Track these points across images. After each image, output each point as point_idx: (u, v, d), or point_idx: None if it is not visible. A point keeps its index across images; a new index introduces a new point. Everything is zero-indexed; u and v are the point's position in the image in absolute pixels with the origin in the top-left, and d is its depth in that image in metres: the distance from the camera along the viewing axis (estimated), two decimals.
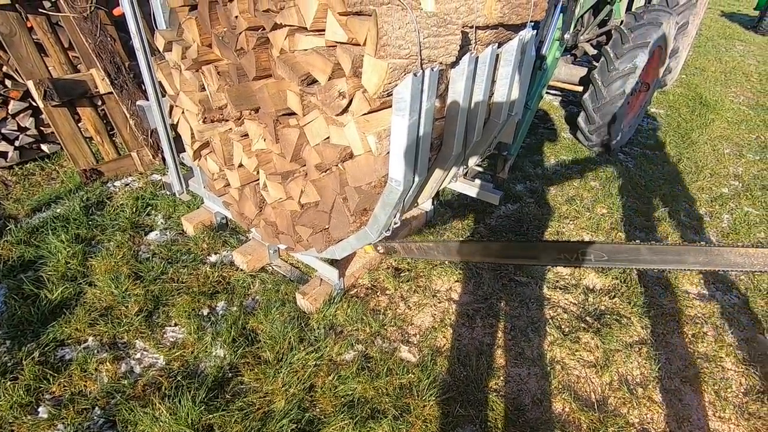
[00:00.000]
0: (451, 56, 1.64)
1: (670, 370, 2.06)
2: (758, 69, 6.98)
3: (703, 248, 1.36)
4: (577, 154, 4.00)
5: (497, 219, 3.02)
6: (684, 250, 1.40)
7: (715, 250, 1.33)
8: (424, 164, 1.75)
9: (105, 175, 3.14)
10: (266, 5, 1.62)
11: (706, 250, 1.35)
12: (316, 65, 1.53)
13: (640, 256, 1.47)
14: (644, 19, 3.58)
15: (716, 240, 3.01)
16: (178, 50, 2.02)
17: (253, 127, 1.94)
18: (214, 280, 2.33)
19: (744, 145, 4.45)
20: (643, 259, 1.47)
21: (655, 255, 1.44)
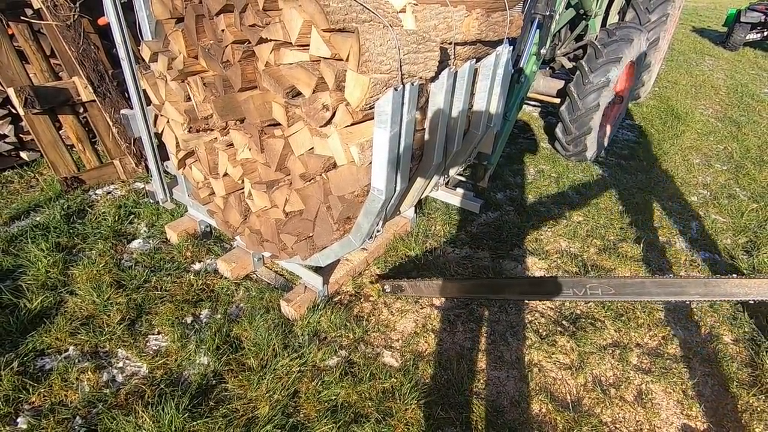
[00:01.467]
0: (430, 71, 1.72)
1: (641, 370, 2.15)
2: (726, 83, 7.31)
3: (702, 280, 1.44)
4: (555, 163, 4.13)
5: (478, 227, 3.10)
6: (685, 283, 1.48)
7: (713, 281, 1.42)
8: (405, 174, 1.81)
9: (86, 183, 3.12)
10: (252, 20, 1.67)
11: (705, 282, 1.43)
12: (300, 79, 1.59)
13: (645, 289, 1.54)
14: (617, 36, 3.75)
15: (685, 246, 3.15)
16: (163, 61, 2.05)
17: (239, 137, 1.98)
18: (198, 288, 2.34)
19: (712, 156, 4.66)
20: (647, 292, 1.54)
21: (659, 288, 1.51)
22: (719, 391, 2.10)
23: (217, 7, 1.73)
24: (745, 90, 6.92)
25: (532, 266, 2.79)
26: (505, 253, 2.87)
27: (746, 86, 7.12)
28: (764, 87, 7.27)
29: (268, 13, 1.66)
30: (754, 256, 3.05)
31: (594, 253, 2.96)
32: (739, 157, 4.65)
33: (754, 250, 3.12)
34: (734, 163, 4.52)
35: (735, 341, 2.39)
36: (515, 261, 2.80)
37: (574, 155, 4.11)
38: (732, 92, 6.85)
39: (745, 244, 3.22)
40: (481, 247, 2.90)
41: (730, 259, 3.02)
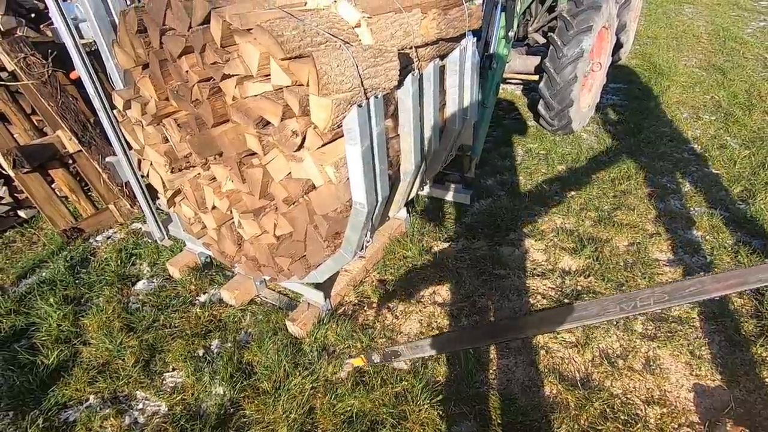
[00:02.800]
0: (392, 81, 1.74)
1: (647, 337, 2.18)
2: (707, 29, 7.22)
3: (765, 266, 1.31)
4: (542, 140, 4.13)
5: (472, 217, 3.13)
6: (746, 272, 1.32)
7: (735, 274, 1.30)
8: (384, 183, 1.84)
9: (86, 231, 3.19)
10: (212, 58, 1.71)
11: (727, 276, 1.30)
12: (267, 109, 1.62)
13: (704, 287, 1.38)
14: (584, 5, 3.73)
15: (680, 205, 3.15)
16: (137, 107, 2.10)
17: (219, 170, 2.03)
18: (206, 320, 2.40)
19: (699, 107, 4.63)
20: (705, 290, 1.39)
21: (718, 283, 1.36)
22: (726, 346, 2.12)
23: (178, 50, 1.76)
24: (727, 34, 6.83)
25: (529, 248, 2.82)
26: (501, 239, 2.89)
27: (728, 30, 7.03)
28: (746, 28, 7.17)
29: (226, 49, 1.69)
30: (750, 205, 3.05)
31: (590, 226, 2.98)
32: (727, 104, 4.62)
33: (750, 199, 3.12)
34: (722, 111, 4.49)
35: (739, 294, 2.40)
36: (512, 246, 2.83)
37: (560, 129, 4.10)
38: (714, 38, 6.77)
39: (740, 193, 3.22)
40: (477, 237, 2.93)
41: (727, 212, 3.02)
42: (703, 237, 2.83)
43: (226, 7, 1.62)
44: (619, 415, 1.84)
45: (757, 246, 2.69)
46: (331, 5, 1.80)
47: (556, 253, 2.75)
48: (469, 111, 2.51)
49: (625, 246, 2.78)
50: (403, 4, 1.91)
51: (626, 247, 2.77)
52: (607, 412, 1.86)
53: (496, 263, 2.68)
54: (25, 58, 2.94)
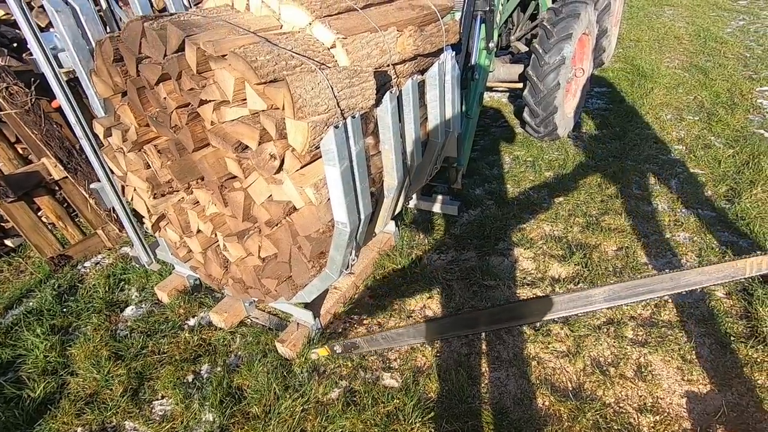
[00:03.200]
0: (369, 101, 1.75)
1: (638, 343, 2.17)
2: (688, 30, 7.33)
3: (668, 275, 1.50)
4: (529, 147, 4.16)
5: (461, 227, 3.13)
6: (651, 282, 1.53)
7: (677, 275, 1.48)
8: (367, 201, 1.85)
9: (74, 258, 3.17)
10: (189, 85, 1.71)
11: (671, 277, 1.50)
12: (244, 134, 1.63)
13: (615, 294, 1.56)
14: (563, 13, 3.78)
15: (667, 207, 3.17)
16: (118, 134, 2.10)
17: (202, 194, 2.02)
18: (195, 345, 2.38)
19: (683, 108, 4.68)
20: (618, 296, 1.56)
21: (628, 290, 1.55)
22: (717, 349, 2.11)
23: (155, 78, 1.77)
24: (707, 34, 6.94)
25: (518, 257, 2.82)
26: (490, 249, 2.89)
27: (708, 30, 7.14)
28: (726, 27, 7.30)
29: (203, 75, 1.70)
30: (735, 204, 3.07)
31: (578, 232, 2.99)
32: (709, 104, 4.67)
33: (735, 198, 3.14)
34: (706, 111, 4.54)
35: (727, 295, 2.41)
36: (501, 256, 2.83)
37: (546, 135, 4.13)
38: (695, 39, 6.87)
39: (726, 192, 3.24)
40: (466, 248, 2.92)
41: (714, 212, 3.04)
42: (691, 238, 2.84)
43: (200, 34, 1.64)
44: (612, 425, 1.83)
45: (744, 245, 2.70)
46: (306, 27, 1.82)
47: (545, 261, 2.75)
48: (452, 123, 2.53)
49: (613, 251, 2.79)
50: (378, 23, 1.93)
51: (615, 252, 2.78)
52: (599, 422, 1.84)
53: (486, 274, 2.68)
54: (7, 88, 2.95)
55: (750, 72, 5.41)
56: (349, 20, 1.85)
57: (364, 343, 2.16)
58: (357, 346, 2.17)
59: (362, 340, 2.15)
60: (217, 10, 1.92)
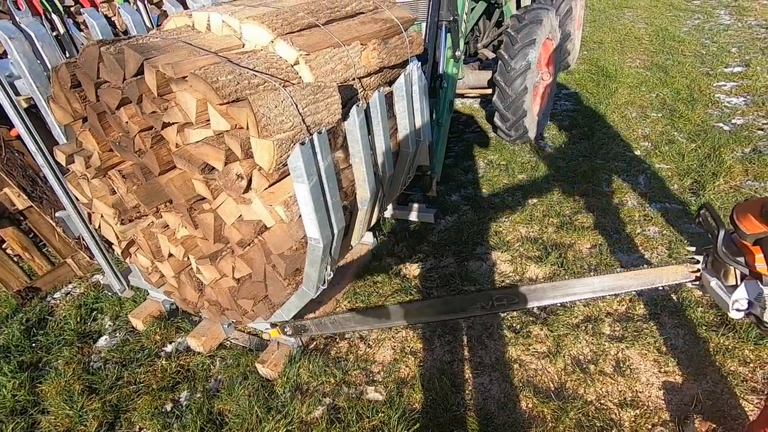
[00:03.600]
0: (335, 115, 1.76)
1: (615, 338, 2.21)
2: (647, 31, 7.61)
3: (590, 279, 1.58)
4: (502, 151, 4.23)
5: (438, 234, 3.15)
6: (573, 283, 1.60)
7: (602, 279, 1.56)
8: (339, 216, 1.84)
9: (42, 289, 3.05)
10: (151, 108, 1.69)
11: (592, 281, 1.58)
12: (209, 155, 1.61)
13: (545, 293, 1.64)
14: (526, 19, 3.88)
15: (636, 202, 3.26)
16: (80, 161, 2.04)
17: (171, 217, 1.98)
18: (173, 372, 2.31)
19: (647, 106, 4.84)
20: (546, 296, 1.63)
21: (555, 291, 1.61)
22: (690, 339, 2.17)
23: (115, 102, 1.74)
24: (665, 34, 7.22)
25: (496, 261, 2.85)
26: (468, 254, 2.92)
27: (666, 30, 7.43)
28: (682, 26, 7.60)
29: (164, 98, 1.68)
30: (700, 196, 3.18)
31: (553, 233, 3.04)
32: (671, 101, 4.84)
33: (700, 190, 3.25)
34: (668, 108, 4.70)
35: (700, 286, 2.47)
36: (480, 260, 2.85)
37: (518, 139, 4.21)
38: (654, 38, 7.14)
39: (691, 185, 3.36)
40: (444, 255, 2.94)
41: (680, 205, 3.14)
42: (661, 232, 2.92)
43: (159, 57, 1.61)
44: (595, 422, 1.85)
45: None
46: (268, 45, 1.81)
47: (522, 262, 2.79)
48: (422, 132, 2.55)
49: (587, 249, 2.85)
50: (341, 38, 1.95)
51: (589, 250, 2.83)
52: (582, 420, 1.86)
53: (465, 279, 2.69)
54: None
55: (707, 68, 5.64)
56: (311, 36, 1.86)
57: (313, 326, 2.12)
58: (306, 329, 2.13)
59: (311, 323, 2.12)
60: (177, 31, 1.91)
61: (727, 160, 3.51)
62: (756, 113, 4.32)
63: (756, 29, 6.88)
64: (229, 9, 1.90)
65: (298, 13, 1.91)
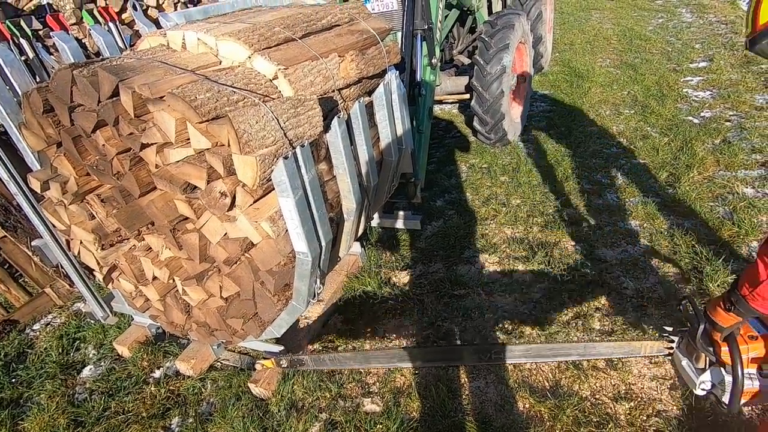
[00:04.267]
0: (316, 128, 1.75)
1: (605, 332, 2.24)
2: (615, 31, 7.86)
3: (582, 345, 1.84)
4: (483, 154, 4.28)
5: (426, 240, 3.16)
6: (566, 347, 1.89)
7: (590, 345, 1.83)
8: (326, 228, 1.83)
9: (20, 322, 2.94)
10: (128, 129, 1.66)
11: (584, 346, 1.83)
12: (191, 174, 1.58)
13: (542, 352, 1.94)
14: (499, 24, 3.97)
15: (616, 197, 3.33)
16: (56, 187, 1.99)
17: (154, 240, 1.94)
18: (163, 398, 2.25)
19: (619, 103, 4.98)
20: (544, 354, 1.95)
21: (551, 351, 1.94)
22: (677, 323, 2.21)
23: (90, 126, 1.70)
24: (632, 33, 7.46)
25: (484, 263, 2.87)
26: (456, 258, 2.93)
27: (632, 29, 7.68)
28: (648, 26, 7.87)
29: (141, 119, 1.65)
30: (676, 189, 3.27)
31: (538, 232, 3.08)
32: (642, 97, 4.99)
33: (676, 183, 3.35)
34: (639, 104, 4.85)
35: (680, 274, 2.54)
36: (468, 264, 2.87)
37: (498, 141, 4.27)
38: (622, 38, 7.36)
39: (667, 178, 3.45)
40: (433, 260, 2.95)
41: (658, 197, 3.22)
42: (641, 225, 2.99)
43: (134, 77, 1.59)
44: (591, 418, 1.87)
45: (688, 226, 2.87)
46: (245, 61, 1.81)
47: (510, 263, 2.81)
48: (404, 140, 2.56)
49: (572, 246, 2.89)
50: (318, 51, 1.95)
51: (574, 247, 2.88)
52: (579, 417, 1.87)
53: (455, 284, 2.70)
54: None
55: (674, 65, 5.84)
56: (288, 51, 1.86)
57: (310, 361, 2.16)
58: (303, 363, 2.17)
59: (309, 357, 2.16)
60: (152, 51, 1.88)
61: (699, 152, 3.62)
62: (722, 105, 4.48)
63: (716, 25, 7.17)
64: (204, 26, 1.89)
65: (274, 28, 1.91)
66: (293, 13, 2.11)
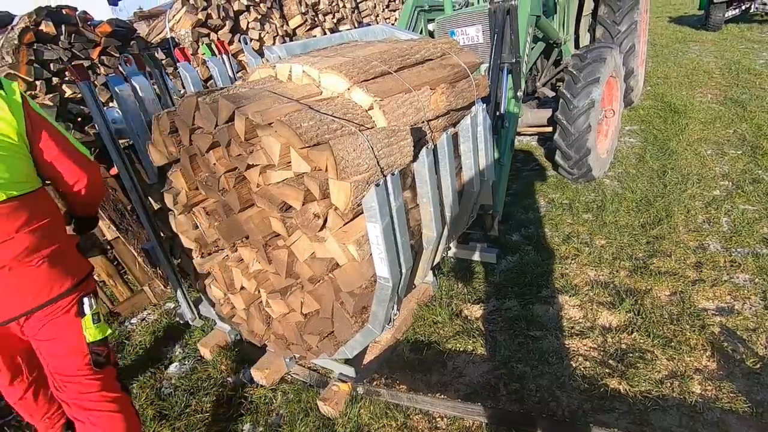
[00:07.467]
0: (407, 157, 1.80)
1: (709, 399, 1.99)
2: (718, 64, 7.26)
3: None
4: (564, 189, 4.10)
5: (500, 275, 3.06)
6: None
7: None
8: (407, 256, 1.85)
9: (122, 315, 3.28)
10: (237, 151, 1.82)
11: None
12: (289, 195, 1.70)
13: None
14: (589, 58, 3.84)
15: (720, 247, 3.00)
16: (169, 198, 2.23)
17: (246, 252, 2.09)
18: (237, 403, 2.36)
19: (723, 143, 4.54)
20: None
21: None
22: None
23: (206, 146, 1.90)
24: (739, 67, 6.84)
25: (564, 305, 2.70)
26: (533, 296, 2.80)
27: (739, 63, 7.04)
28: (758, 59, 7.18)
29: (250, 141, 1.81)
30: None
31: (625, 277, 2.85)
32: (752, 137, 4.52)
33: None
34: (748, 144, 4.38)
35: None
36: (546, 304, 2.72)
37: (581, 177, 4.08)
38: (726, 72, 6.78)
39: None
40: (507, 297, 2.84)
41: None
42: (752, 281, 2.65)
43: (248, 106, 1.76)
44: None
45: None
46: (344, 92, 1.92)
47: (593, 308, 2.62)
48: (485, 172, 2.54)
49: (667, 296, 2.64)
50: (412, 84, 2.03)
51: (668, 298, 2.62)
52: None
53: (531, 324, 2.57)
54: None
55: None
56: (384, 83, 1.96)
57: (386, 394, 2.14)
58: (379, 394, 2.16)
59: (386, 391, 2.15)
60: (261, 81, 2.08)
61: None
62: None
63: None
64: (309, 60, 2.05)
65: (371, 62, 2.02)
66: (389, 48, 2.22)
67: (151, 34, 4.97)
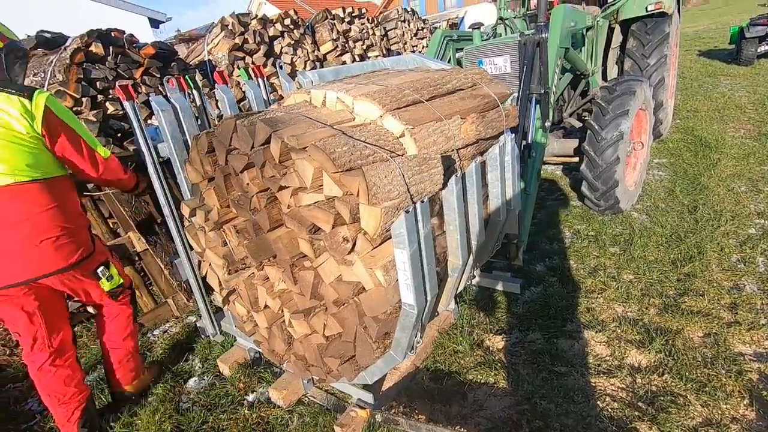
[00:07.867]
0: (436, 185, 1.82)
1: None
2: (750, 99, 7.12)
3: None
4: (590, 221, 4.04)
5: (524, 306, 3.00)
6: None
7: None
8: (433, 283, 1.84)
9: (145, 326, 3.34)
10: (271, 173, 1.87)
11: None
12: (319, 218, 1.73)
13: None
14: (618, 91, 3.83)
15: (757, 288, 2.88)
16: (201, 214, 2.29)
17: (273, 271, 2.12)
18: (254, 422, 2.35)
19: (758, 179, 4.41)
20: None
21: None
22: None
23: (241, 166, 1.96)
24: None
25: (590, 341, 2.62)
26: (557, 330, 2.72)
27: None
28: None
29: (284, 164, 1.86)
30: None
31: (655, 315, 2.76)
32: None
33: None
34: None
35: None
36: (571, 339, 2.65)
37: (608, 209, 4.01)
38: (760, 107, 6.64)
39: None
40: (530, 329, 2.77)
41: None
42: None
43: (284, 129, 1.82)
44: None
45: None
46: (377, 119, 1.97)
47: (621, 346, 2.53)
48: (512, 201, 2.53)
49: (700, 337, 2.53)
50: (443, 113, 2.06)
51: (702, 339, 2.51)
52: None
53: (555, 358, 2.50)
54: None
55: None
56: (416, 112, 1.99)
57: (406, 424, 2.11)
58: (398, 423, 2.14)
59: (405, 420, 2.11)
60: (297, 106, 2.15)
61: None
62: None
63: None
64: (344, 87, 2.11)
65: (404, 90, 2.07)
66: (421, 77, 2.27)
67: (190, 56, 5.22)
